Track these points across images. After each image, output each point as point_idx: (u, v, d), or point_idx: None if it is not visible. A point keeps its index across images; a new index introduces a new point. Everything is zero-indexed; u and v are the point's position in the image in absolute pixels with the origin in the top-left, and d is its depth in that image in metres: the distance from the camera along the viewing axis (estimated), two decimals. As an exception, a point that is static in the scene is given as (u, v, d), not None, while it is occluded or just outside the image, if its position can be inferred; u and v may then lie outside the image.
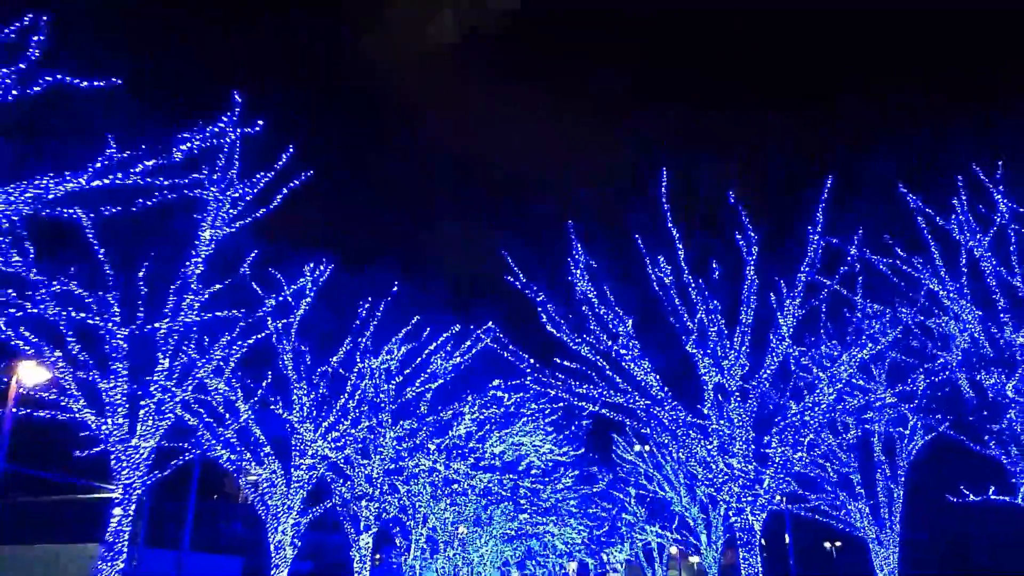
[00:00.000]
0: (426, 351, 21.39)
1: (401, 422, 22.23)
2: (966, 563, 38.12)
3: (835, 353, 18.02)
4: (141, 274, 13.48)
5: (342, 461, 21.93)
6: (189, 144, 11.34)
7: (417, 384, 21.59)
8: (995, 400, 16.67)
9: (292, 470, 18.77)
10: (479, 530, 33.98)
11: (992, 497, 18.45)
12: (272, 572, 18.30)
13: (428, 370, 22.10)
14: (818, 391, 16.26)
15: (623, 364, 15.38)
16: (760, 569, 14.22)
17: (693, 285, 15.56)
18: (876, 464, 23.13)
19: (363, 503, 22.36)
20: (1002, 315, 15.37)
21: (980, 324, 15.92)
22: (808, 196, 14.87)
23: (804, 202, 15.54)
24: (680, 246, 15.13)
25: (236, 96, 12.49)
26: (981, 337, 16.05)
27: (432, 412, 22.47)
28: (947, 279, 16.62)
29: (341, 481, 21.63)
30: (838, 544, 47.78)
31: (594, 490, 35.70)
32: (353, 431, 21.35)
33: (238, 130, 12.91)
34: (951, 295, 16.47)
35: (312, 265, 17.40)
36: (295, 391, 19.13)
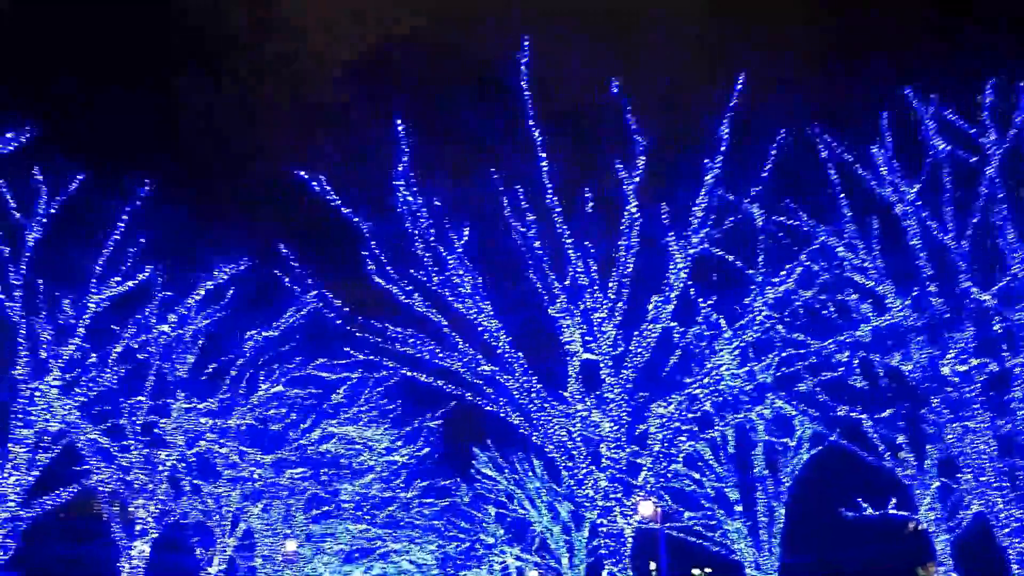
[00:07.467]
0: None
1: (194, 400, 17.44)
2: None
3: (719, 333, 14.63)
4: None
5: (111, 443, 16.92)
6: None
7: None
8: (903, 389, 13.92)
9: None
10: (311, 546, 29.05)
11: (892, 512, 15.92)
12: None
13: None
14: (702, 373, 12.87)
15: (455, 305, 11.37)
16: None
17: (559, 219, 11.71)
18: (758, 479, 20.52)
19: (140, 500, 17.44)
20: (927, 284, 12.57)
21: (897, 298, 13.12)
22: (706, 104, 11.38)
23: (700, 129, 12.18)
24: (544, 155, 11.06)
25: None
26: (896, 314, 13.25)
27: (237, 389, 17.76)
28: (859, 246, 13.81)
29: (103, 465, 16.57)
30: (708, 571, 45.76)
31: (444, 504, 31.54)
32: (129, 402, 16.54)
33: None
34: (864, 265, 13.65)
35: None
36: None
